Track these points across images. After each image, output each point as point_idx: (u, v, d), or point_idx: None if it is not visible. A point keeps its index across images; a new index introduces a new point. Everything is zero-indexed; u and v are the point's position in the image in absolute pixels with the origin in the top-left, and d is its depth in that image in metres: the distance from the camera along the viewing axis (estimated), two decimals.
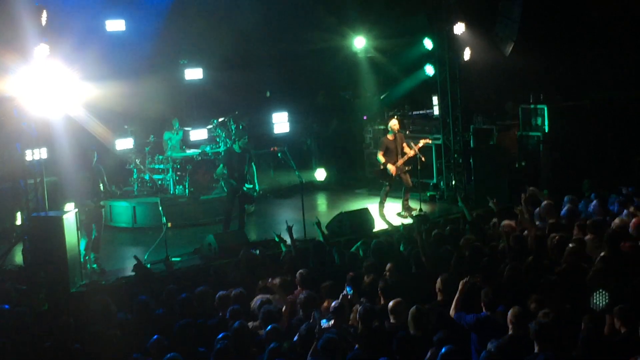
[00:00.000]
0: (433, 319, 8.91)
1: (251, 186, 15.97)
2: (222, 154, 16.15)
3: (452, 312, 8.98)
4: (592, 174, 16.70)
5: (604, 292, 8.45)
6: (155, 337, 8.75)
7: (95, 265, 13.87)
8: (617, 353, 7.72)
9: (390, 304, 9.15)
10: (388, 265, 10.65)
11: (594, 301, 8.55)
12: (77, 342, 9.17)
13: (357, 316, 8.99)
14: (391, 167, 16.82)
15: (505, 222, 12.51)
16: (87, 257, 13.84)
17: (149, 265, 13.08)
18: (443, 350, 7.65)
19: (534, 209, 13.10)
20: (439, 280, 9.65)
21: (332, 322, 8.65)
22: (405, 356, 8.11)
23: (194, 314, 9.77)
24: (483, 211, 14.41)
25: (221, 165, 15.60)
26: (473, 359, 8.54)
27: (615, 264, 9.86)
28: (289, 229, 12.58)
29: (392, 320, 9.02)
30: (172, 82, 19.35)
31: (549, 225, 11.99)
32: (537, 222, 12.62)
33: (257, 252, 12.87)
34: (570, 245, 10.53)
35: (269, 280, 10.71)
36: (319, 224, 12.92)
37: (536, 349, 7.84)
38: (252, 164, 15.99)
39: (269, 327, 8.81)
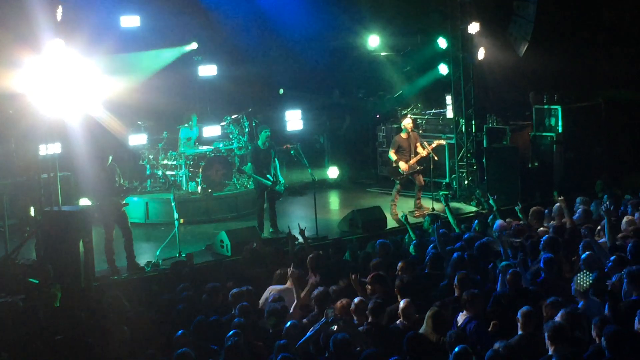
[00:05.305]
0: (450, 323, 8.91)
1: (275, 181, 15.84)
2: (249, 151, 16.16)
3: None
4: (605, 175, 16.64)
5: (587, 273, 8.44)
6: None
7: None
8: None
9: (401, 304, 9.15)
10: (400, 264, 10.63)
11: (577, 280, 8.56)
12: (89, 337, 9.22)
13: (368, 311, 9.03)
14: (403, 165, 16.80)
15: (500, 221, 12.51)
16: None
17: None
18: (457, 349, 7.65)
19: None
20: (456, 277, 9.71)
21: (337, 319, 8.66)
22: (416, 356, 8.09)
23: (206, 311, 9.80)
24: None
25: (249, 164, 15.58)
26: None
27: None
28: (302, 232, 12.62)
29: (402, 321, 9.03)
30: (186, 78, 19.38)
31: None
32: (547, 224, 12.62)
33: (255, 245, 12.86)
34: None
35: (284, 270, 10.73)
36: (302, 232, 12.69)
37: (550, 350, 7.81)
38: (275, 159, 15.97)
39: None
